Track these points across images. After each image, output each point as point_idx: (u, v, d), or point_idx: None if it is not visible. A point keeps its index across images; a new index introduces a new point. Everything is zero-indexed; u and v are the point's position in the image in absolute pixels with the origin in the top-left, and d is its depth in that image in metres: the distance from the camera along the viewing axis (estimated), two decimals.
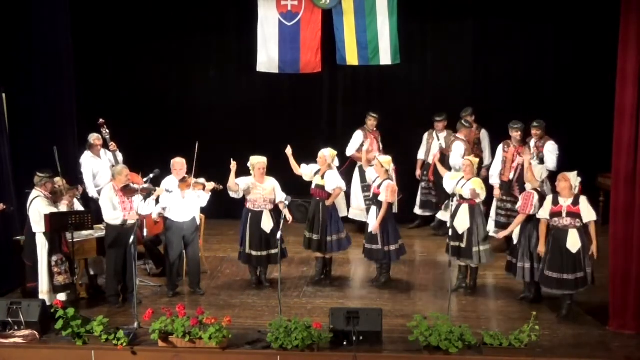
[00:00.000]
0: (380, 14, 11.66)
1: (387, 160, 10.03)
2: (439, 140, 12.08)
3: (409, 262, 11.04)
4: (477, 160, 10.13)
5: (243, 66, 12.76)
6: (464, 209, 9.67)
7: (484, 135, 12.13)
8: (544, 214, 9.03)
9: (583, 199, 8.91)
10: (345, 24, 11.75)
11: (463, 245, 9.66)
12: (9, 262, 9.95)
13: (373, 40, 11.75)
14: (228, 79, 13.02)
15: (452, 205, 9.72)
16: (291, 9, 11.85)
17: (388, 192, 9.81)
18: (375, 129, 12.12)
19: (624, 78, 8.47)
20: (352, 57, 11.88)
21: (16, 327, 8.67)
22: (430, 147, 12.20)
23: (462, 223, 9.65)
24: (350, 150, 12.14)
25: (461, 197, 9.68)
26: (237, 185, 9.85)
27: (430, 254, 11.44)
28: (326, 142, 11.61)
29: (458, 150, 11.47)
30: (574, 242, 8.85)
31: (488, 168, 11.61)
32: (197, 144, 9.43)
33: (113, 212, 9.42)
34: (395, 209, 11.06)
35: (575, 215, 8.84)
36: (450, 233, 9.67)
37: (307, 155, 11.58)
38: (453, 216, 9.70)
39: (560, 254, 8.89)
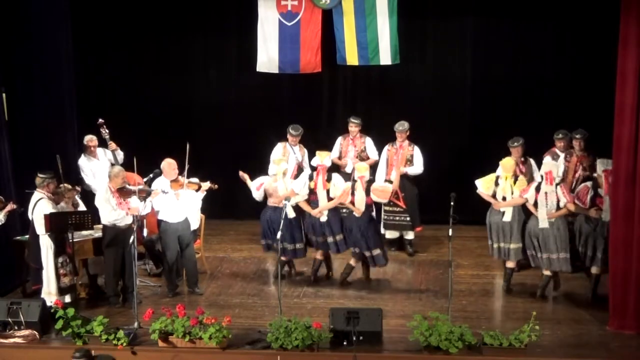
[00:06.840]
0: (380, 13, 11.63)
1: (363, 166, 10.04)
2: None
3: (409, 262, 11.04)
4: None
5: (243, 66, 12.74)
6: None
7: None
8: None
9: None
10: (345, 24, 11.74)
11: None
12: (9, 262, 9.96)
13: (373, 40, 11.73)
14: (228, 79, 13.01)
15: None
16: (291, 9, 11.84)
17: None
18: (357, 135, 11.50)
19: (623, 78, 8.46)
20: (352, 57, 11.86)
21: (16, 327, 8.67)
22: (392, 160, 11.24)
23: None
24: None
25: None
26: None
27: (430, 253, 11.43)
28: (326, 143, 11.63)
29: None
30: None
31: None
32: (187, 145, 9.45)
33: (113, 212, 9.38)
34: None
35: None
36: (509, 236, 9.69)
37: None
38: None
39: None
